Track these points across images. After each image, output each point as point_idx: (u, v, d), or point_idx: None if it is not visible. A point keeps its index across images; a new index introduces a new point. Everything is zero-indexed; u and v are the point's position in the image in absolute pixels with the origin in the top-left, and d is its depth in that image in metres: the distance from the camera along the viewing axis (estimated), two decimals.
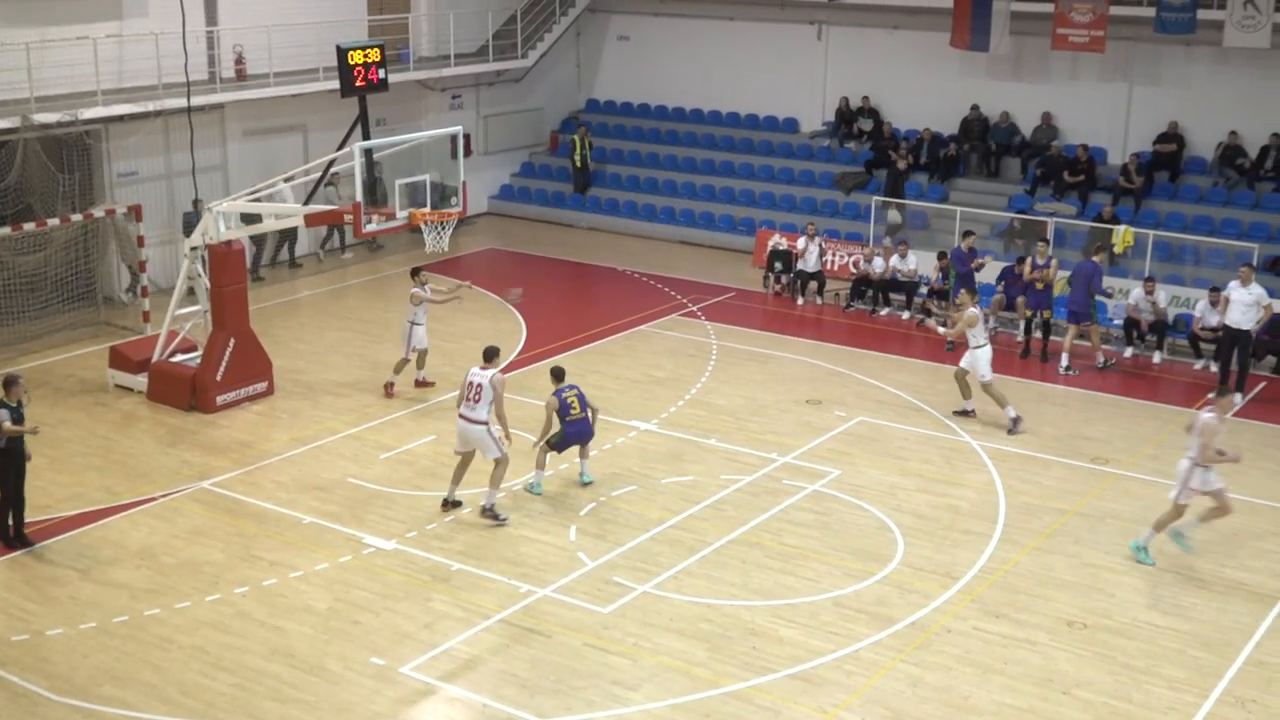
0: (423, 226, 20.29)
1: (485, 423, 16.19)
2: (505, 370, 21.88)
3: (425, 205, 20.34)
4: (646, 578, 14.99)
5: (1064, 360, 22.89)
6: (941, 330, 21.42)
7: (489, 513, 16.45)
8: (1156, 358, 23.83)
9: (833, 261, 28.13)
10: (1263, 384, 22.52)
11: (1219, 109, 28.36)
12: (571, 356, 22.72)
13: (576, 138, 33.53)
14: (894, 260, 26.53)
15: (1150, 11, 27.53)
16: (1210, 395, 21.06)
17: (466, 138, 28.84)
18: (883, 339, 24.68)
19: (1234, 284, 21.60)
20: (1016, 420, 19.91)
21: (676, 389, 21.33)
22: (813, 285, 27.21)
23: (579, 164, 33.50)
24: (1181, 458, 15.64)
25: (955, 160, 30.47)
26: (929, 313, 24.71)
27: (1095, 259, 23.57)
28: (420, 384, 21.31)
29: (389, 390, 21.02)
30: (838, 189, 31.33)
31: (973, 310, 20.01)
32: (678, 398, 20.92)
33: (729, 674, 13.11)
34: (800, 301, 27.10)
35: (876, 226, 28.15)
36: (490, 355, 16.58)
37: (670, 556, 15.52)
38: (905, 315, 26.07)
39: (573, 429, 17.35)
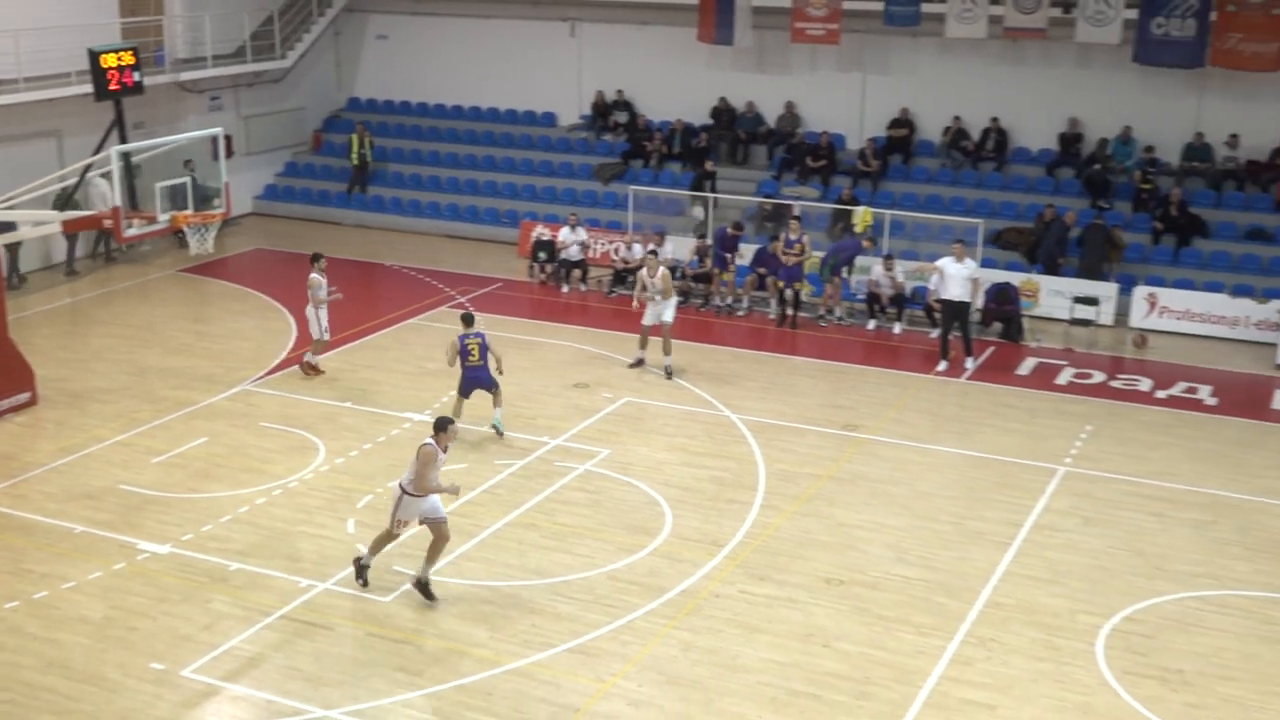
0: (186, 229, 19.69)
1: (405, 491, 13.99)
2: (278, 369, 21.50)
3: (188, 208, 19.75)
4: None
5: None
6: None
7: (420, 586, 14.26)
8: (897, 329, 24.79)
9: (595, 249, 28.34)
10: (991, 349, 23.64)
11: (944, 95, 29.61)
12: (343, 352, 22.39)
13: (355, 136, 32.92)
14: (652, 248, 26.85)
15: (879, 5, 28.49)
16: (939, 368, 22.14)
17: (228, 139, 27.95)
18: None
19: (948, 260, 22.50)
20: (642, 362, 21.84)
21: (448, 379, 21.11)
22: (576, 273, 27.38)
23: (358, 162, 32.89)
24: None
25: (706, 149, 31.01)
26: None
27: (861, 241, 24.54)
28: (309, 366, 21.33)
29: (310, 370, 21.19)
30: (596, 180, 31.57)
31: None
32: (450, 388, 20.73)
33: (510, 652, 13.13)
34: (565, 289, 27.24)
35: (635, 214, 28.46)
36: (437, 426, 14.11)
37: (450, 543, 15.44)
38: None
39: (470, 374, 18.47)
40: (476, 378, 18.54)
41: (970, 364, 22.50)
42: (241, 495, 16.59)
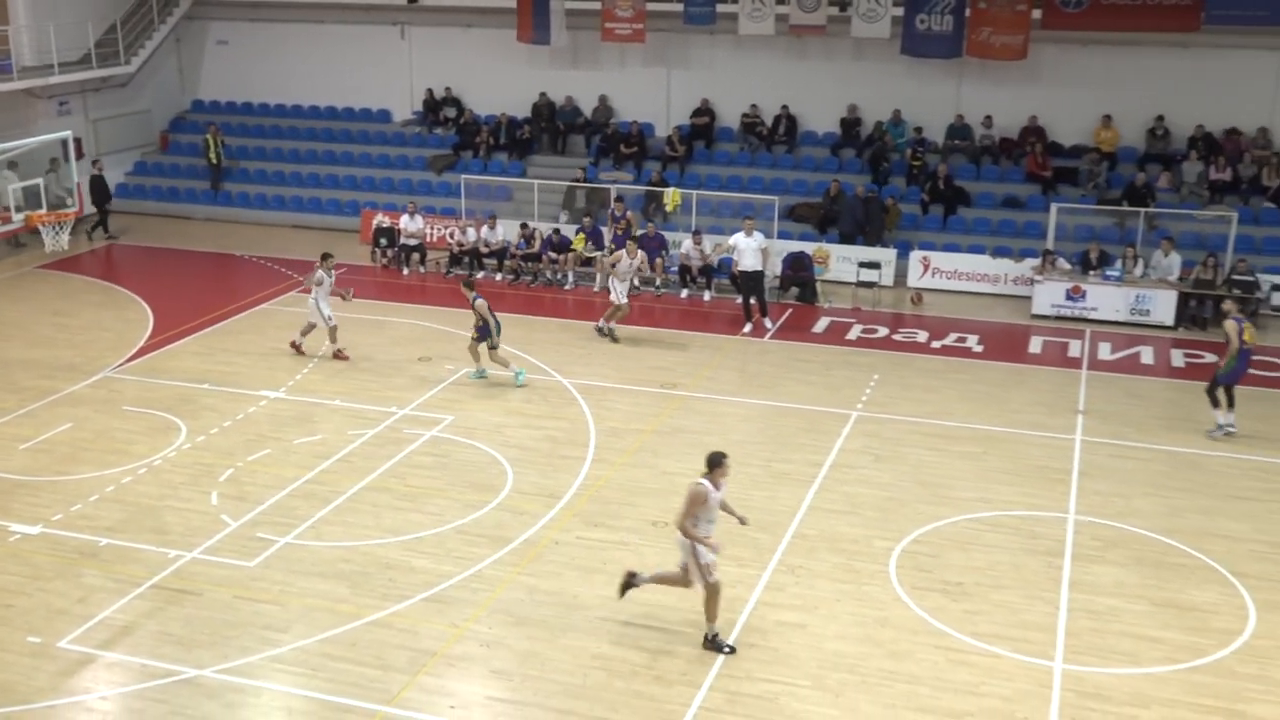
0: (40, 228, 18.79)
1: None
2: (136, 356, 20.71)
3: (41, 207, 18.84)
4: (287, 530, 14.55)
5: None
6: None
7: (710, 643, 12.28)
8: (706, 296, 25.06)
9: (432, 234, 27.95)
10: (789, 311, 24.08)
11: (740, 86, 29.92)
12: (200, 338, 21.68)
13: (209, 137, 31.71)
14: (484, 231, 26.65)
15: (679, 7, 28.63)
16: (744, 330, 22.45)
17: (77, 141, 26.80)
18: (490, 300, 24.77)
19: (740, 235, 22.84)
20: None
21: (300, 359, 20.71)
22: (415, 256, 26.97)
23: (214, 161, 31.71)
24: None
25: (530, 140, 30.82)
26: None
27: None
28: (296, 350, 20.83)
29: (340, 355, 20.74)
30: (430, 170, 31.11)
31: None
32: (302, 367, 20.33)
33: (370, 605, 12.94)
34: (405, 271, 26.82)
35: (467, 201, 28.14)
36: (710, 463, 12.05)
37: (307, 509, 15.13)
38: (498, 277, 26.27)
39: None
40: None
41: (769, 325, 22.89)
42: (108, 475, 15.96)
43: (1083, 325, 23.39)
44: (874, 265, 25.26)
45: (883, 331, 22.85)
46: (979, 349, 21.98)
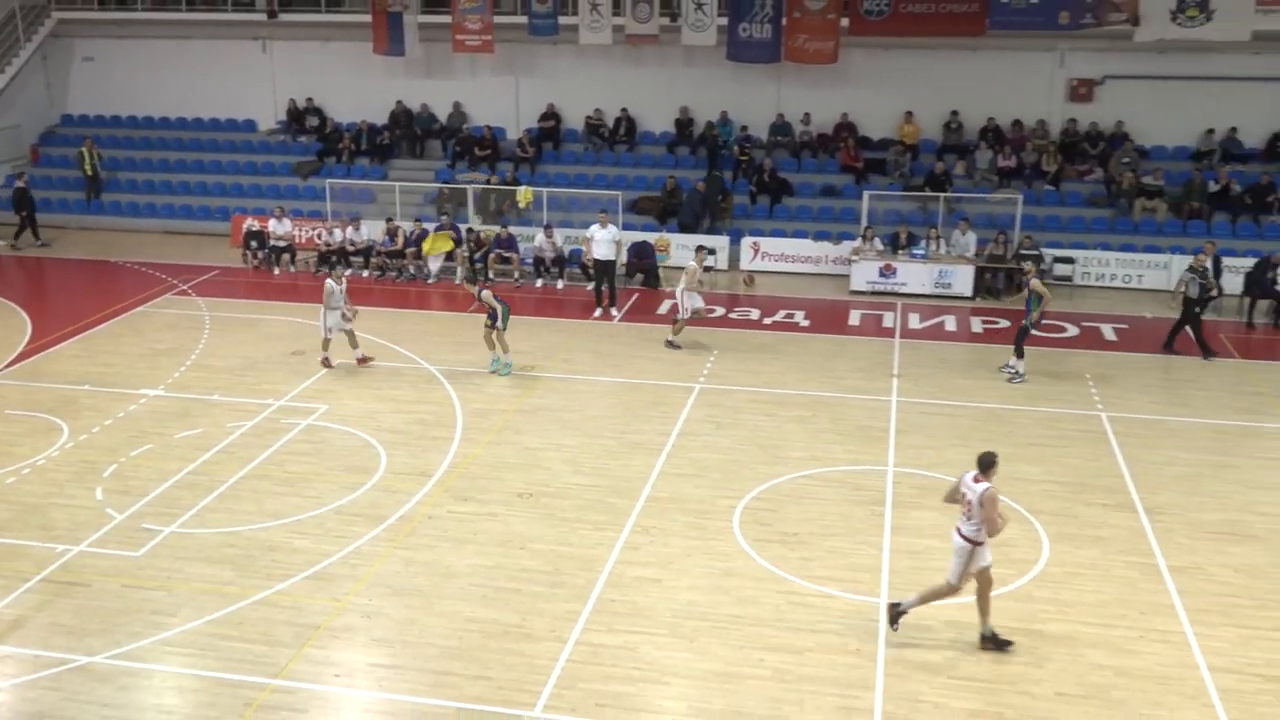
0: None
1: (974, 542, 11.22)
2: (15, 362, 19.72)
3: None
4: (172, 520, 14.03)
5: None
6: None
7: (989, 641, 11.55)
8: (559, 285, 24.98)
9: (300, 236, 27.23)
10: (636, 295, 24.16)
11: (583, 92, 29.84)
12: (79, 341, 20.73)
13: (84, 150, 30.23)
14: (349, 232, 26.09)
15: (524, 19, 28.39)
16: (595, 314, 22.36)
17: None
18: (350, 295, 24.15)
19: (595, 227, 22.85)
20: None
21: (178, 357, 19.98)
22: (286, 257, 26.25)
23: (89, 173, 30.24)
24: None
25: (390, 145, 30.24)
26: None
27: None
28: (362, 360, 19.63)
29: (363, 361, 19.60)
30: (296, 176, 30.28)
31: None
32: (180, 364, 19.61)
33: (254, 586, 12.57)
34: (276, 271, 26.08)
35: (333, 204, 27.47)
36: (985, 465, 11.26)
37: (191, 498, 14.61)
38: (365, 274, 25.74)
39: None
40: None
41: (616, 311, 22.94)
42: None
43: (894, 299, 24.03)
44: (710, 251, 25.47)
45: (720, 311, 23.10)
46: (805, 323, 22.39)
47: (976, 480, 11.14)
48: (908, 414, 17.60)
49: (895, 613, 11.65)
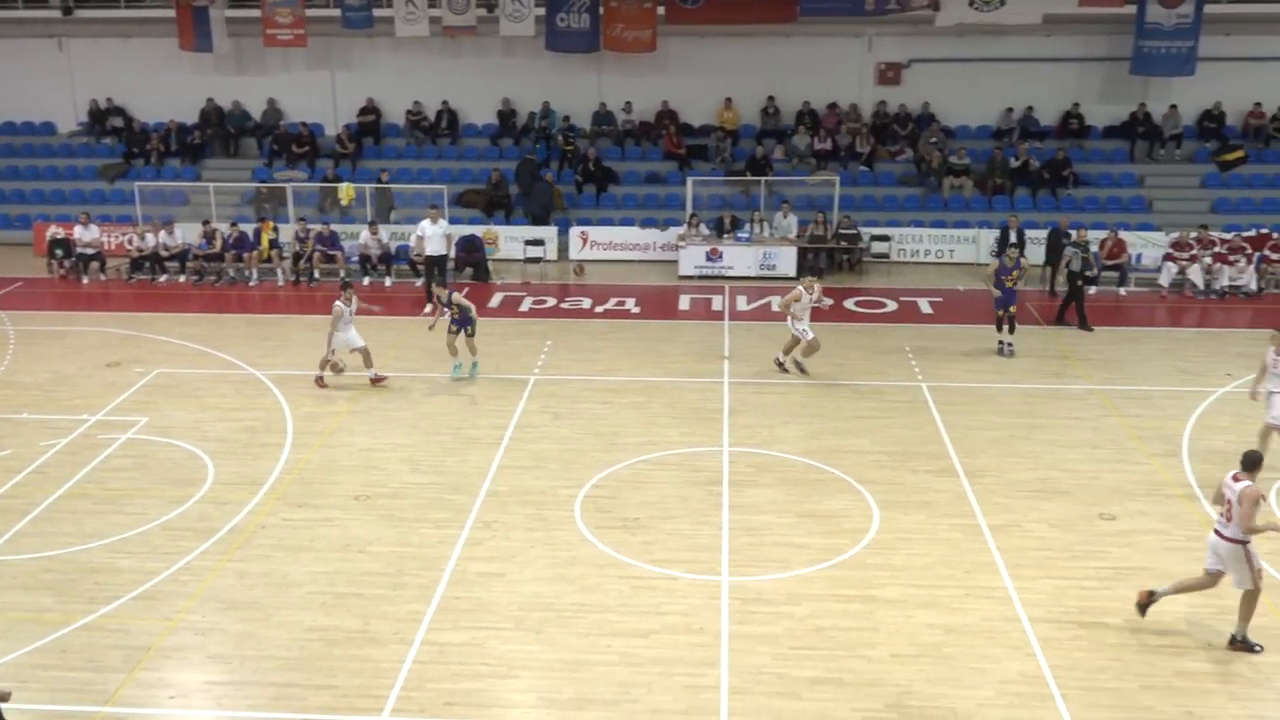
0: None
1: (1239, 541, 11.02)
2: None
3: None
4: None
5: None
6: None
7: (1239, 643, 11.28)
8: (387, 282, 24.55)
9: (109, 242, 26.00)
10: (466, 289, 23.89)
11: (402, 85, 29.32)
12: None
13: None
14: (163, 236, 25.04)
15: (338, 12, 27.71)
16: (426, 310, 22.01)
17: None
18: (166, 301, 23.34)
19: (426, 222, 22.54)
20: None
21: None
22: (95, 265, 25.01)
23: None
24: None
25: (202, 145, 29.13)
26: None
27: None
28: (375, 380, 18.48)
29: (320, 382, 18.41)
30: (102, 179, 28.87)
31: None
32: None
33: (77, 611, 11.97)
34: (85, 280, 24.84)
35: (143, 207, 26.30)
36: (1251, 464, 11.14)
37: (2, 524, 13.81)
38: (181, 279, 24.77)
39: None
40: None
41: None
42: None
43: (722, 282, 24.47)
44: (539, 242, 25.47)
45: (551, 302, 23.09)
46: (636, 310, 22.58)
47: (1237, 479, 11.01)
48: (740, 394, 17.95)
49: (1149, 600, 11.51)
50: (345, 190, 26.33)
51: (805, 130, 28.19)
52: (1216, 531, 11.18)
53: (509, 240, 25.97)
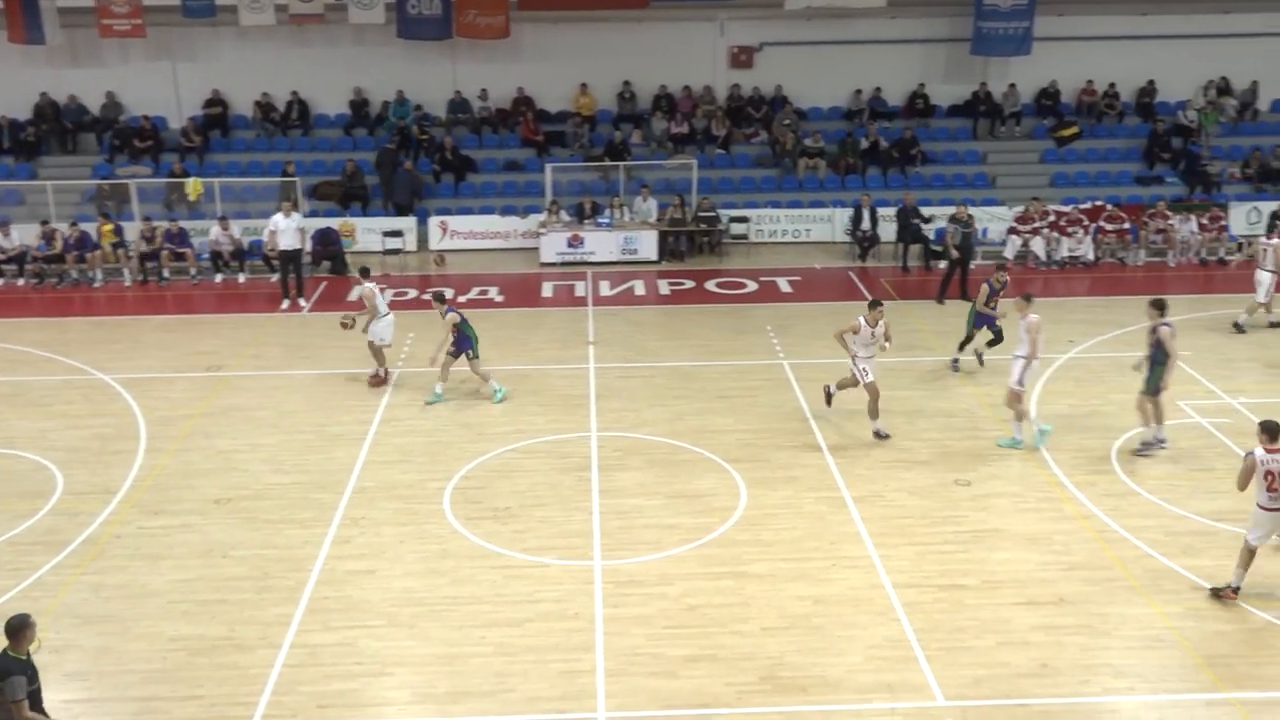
0: None
1: None
2: None
3: None
4: None
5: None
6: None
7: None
8: (241, 278, 23.85)
9: None
10: (324, 284, 23.43)
11: (249, 75, 28.41)
12: None
13: None
14: None
15: (178, 1, 26.69)
16: (283, 306, 21.51)
17: None
18: (4, 306, 22.25)
19: (279, 216, 21.91)
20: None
21: None
22: None
23: None
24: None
25: (37, 142, 27.77)
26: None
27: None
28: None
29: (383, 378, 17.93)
30: None
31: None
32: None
33: None
34: None
35: None
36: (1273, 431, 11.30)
37: None
38: (20, 282, 23.62)
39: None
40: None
41: (304, 301, 22.17)
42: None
43: (584, 268, 24.48)
44: (397, 233, 25.07)
45: (413, 293, 22.77)
46: (500, 299, 22.43)
47: (1270, 450, 11.19)
48: (605, 379, 18.01)
49: (1223, 592, 11.71)
50: (192, 185, 25.46)
51: (662, 114, 28.35)
52: (1259, 505, 11.34)
53: (366, 232, 25.49)
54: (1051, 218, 24.75)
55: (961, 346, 18.24)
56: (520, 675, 10.70)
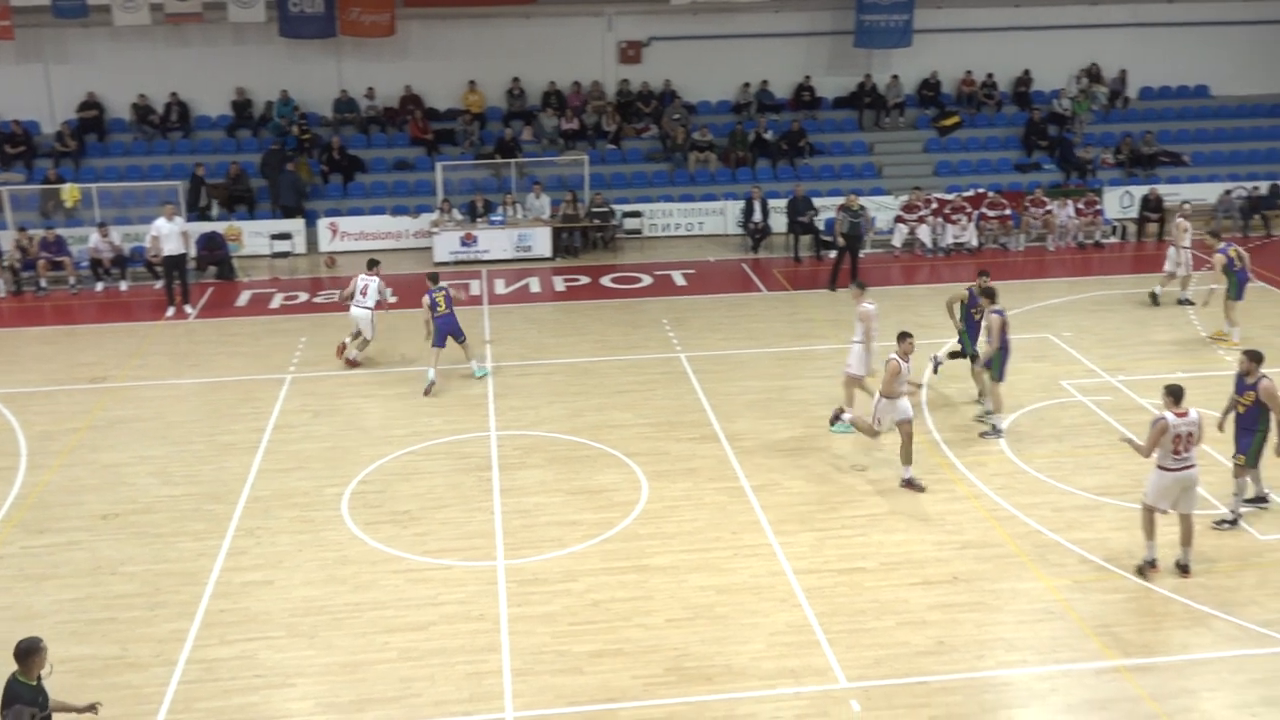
0: None
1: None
2: None
3: None
4: None
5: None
6: None
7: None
8: (123, 286, 23.12)
9: None
10: (210, 289, 22.86)
11: (126, 77, 27.53)
12: None
13: None
14: None
15: (47, 0, 25.75)
16: (168, 314, 20.95)
17: None
18: None
19: (162, 220, 21.29)
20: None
21: None
22: None
23: None
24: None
25: None
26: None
27: None
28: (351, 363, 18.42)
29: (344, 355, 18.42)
30: None
31: None
32: None
33: None
34: None
35: None
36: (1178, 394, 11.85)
37: None
38: None
39: (442, 323, 17.14)
40: (449, 326, 17.31)
41: (190, 308, 21.59)
42: None
43: (479, 266, 24.30)
44: (286, 236, 24.58)
45: (303, 296, 22.35)
46: (393, 299, 22.02)
47: (1179, 414, 11.64)
48: (503, 377, 17.91)
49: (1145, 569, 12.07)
50: (69, 192, 24.61)
51: (552, 111, 28.26)
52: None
53: (254, 235, 24.92)
54: (935, 205, 25.32)
55: (955, 355, 17.22)
56: (426, 679, 10.59)
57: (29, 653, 8.34)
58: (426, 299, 17.43)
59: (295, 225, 25.02)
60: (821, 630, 11.23)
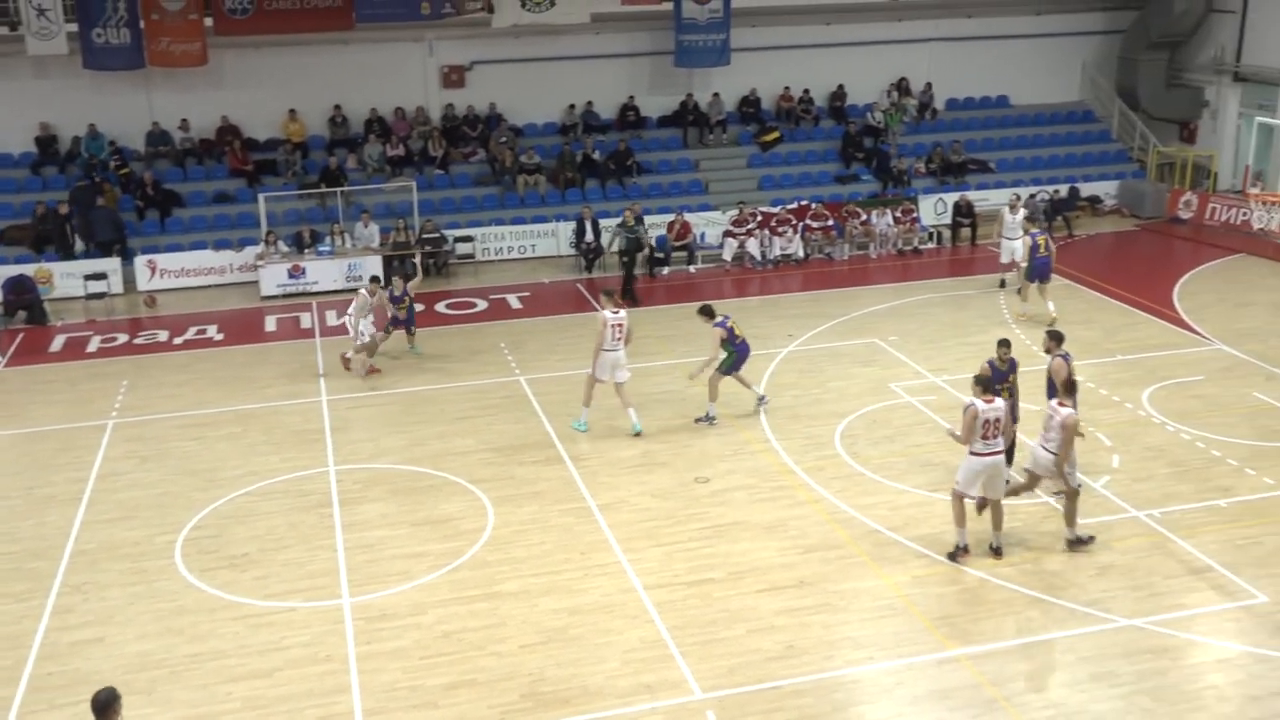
0: None
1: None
2: None
3: None
4: None
5: None
6: None
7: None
8: None
9: None
10: (21, 335, 21.67)
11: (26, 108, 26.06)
12: None
13: None
14: None
15: None
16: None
17: None
18: None
19: None
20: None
21: None
22: None
23: None
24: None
25: None
26: None
27: None
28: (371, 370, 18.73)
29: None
30: None
31: None
32: None
33: None
34: None
35: None
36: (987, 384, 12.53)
37: None
38: None
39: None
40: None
41: (0, 356, 20.42)
42: None
43: (308, 299, 23.70)
44: (100, 276, 23.48)
45: (123, 338, 21.39)
46: (220, 337, 21.40)
47: (988, 402, 12.22)
48: (340, 411, 17.51)
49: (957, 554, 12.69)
50: None
51: (376, 138, 27.82)
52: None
53: (66, 277, 23.70)
54: (760, 219, 25.92)
55: None
56: None
57: (108, 704, 8.06)
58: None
59: (111, 264, 23.93)
60: (674, 644, 11.31)
